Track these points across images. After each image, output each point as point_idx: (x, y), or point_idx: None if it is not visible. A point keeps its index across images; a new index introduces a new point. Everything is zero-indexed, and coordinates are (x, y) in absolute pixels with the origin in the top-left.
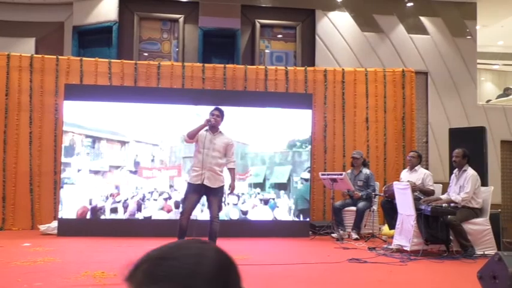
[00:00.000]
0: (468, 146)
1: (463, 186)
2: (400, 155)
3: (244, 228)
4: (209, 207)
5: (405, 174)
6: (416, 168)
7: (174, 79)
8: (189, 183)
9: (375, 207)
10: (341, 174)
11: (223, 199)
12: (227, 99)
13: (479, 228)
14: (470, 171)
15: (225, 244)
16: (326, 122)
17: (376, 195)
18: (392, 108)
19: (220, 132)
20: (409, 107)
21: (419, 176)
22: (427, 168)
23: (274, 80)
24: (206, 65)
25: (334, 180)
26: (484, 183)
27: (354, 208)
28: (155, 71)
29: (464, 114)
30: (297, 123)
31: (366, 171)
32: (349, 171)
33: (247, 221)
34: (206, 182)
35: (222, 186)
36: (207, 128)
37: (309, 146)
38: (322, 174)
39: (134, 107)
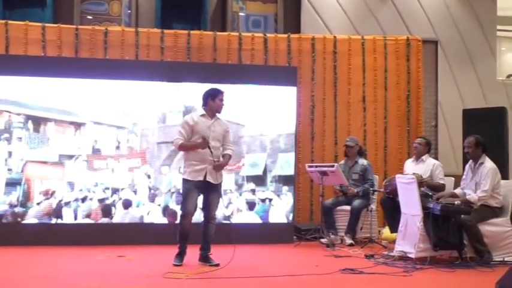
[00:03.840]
0: (485, 130)
1: (480, 183)
2: (403, 142)
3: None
4: (207, 205)
5: (410, 166)
6: (423, 158)
7: (126, 48)
8: (187, 181)
9: (373, 206)
10: (332, 166)
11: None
12: (191, 73)
13: (498, 230)
14: (488, 164)
15: (188, 253)
16: (314, 102)
17: (374, 191)
18: (394, 85)
19: (217, 117)
20: (415, 84)
21: (427, 168)
22: (436, 158)
23: (251, 50)
24: (166, 31)
25: (323, 173)
26: (504, 176)
27: (347, 207)
28: (101, 38)
29: (481, 92)
30: (278, 103)
31: (362, 162)
32: (342, 162)
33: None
34: (209, 178)
35: (221, 182)
36: (203, 112)
37: (293, 132)
38: (310, 166)
39: (85, 82)
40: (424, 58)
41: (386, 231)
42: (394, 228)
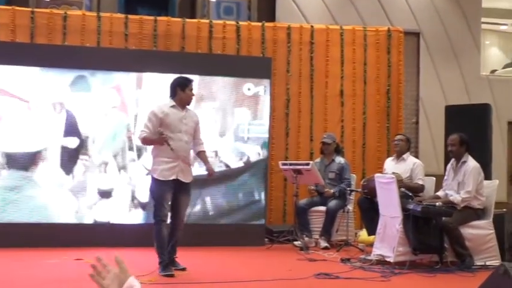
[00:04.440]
0: (468, 128)
1: (462, 183)
2: (383, 139)
3: None
4: (177, 207)
5: (390, 164)
6: (404, 156)
7: (87, 34)
8: (159, 181)
9: (350, 207)
10: (307, 164)
11: None
12: (158, 62)
13: (480, 232)
14: (471, 163)
15: (149, 256)
16: (289, 96)
17: (351, 191)
18: (374, 79)
19: (187, 108)
20: (395, 78)
21: (407, 167)
22: (416, 157)
23: (222, 38)
24: (130, 16)
25: (298, 171)
26: (488, 175)
27: (323, 208)
28: (60, 23)
29: (465, 88)
30: (250, 96)
31: (339, 160)
32: (317, 160)
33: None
34: (181, 177)
35: (191, 181)
36: (173, 103)
37: (266, 127)
38: (283, 164)
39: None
40: (405, 51)
41: (363, 234)
42: (371, 231)
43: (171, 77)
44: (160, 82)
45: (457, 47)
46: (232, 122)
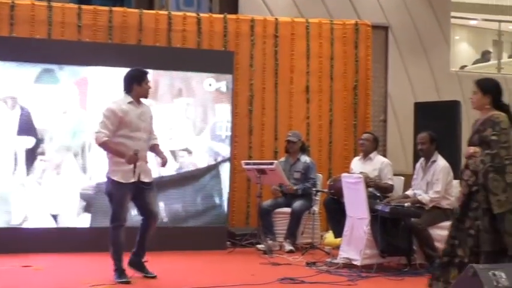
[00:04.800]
0: (437, 126)
1: (432, 183)
2: (350, 137)
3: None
4: (147, 204)
5: (357, 164)
6: (371, 155)
7: (37, 26)
8: (119, 183)
9: (315, 208)
10: (272, 164)
11: None
12: (113, 56)
13: None
14: (440, 163)
15: (101, 261)
16: (252, 92)
17: (317, 191)
18: (341, 75)
19: (142, 102)
20: (363, 73)
21: (375, 166)
22: (384, 156)
23: (181, 31)
24: (83, 7)
25: (262, 171)
26: (457, 175)
27: (288, 209)
28: (7, 12)
29: (434, 84)
30: (211, 92)
31: (305, 159)
32: (282, 159)
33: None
34: (143, 177)
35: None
36: (130, 99)
37: (229, 125)
38: (247, 164)
39: None
40: (373, 45)
41: (329, 236)
42: (338, 233)
43: (123, 71)
44: (112, 76)
45: (426, 41)
46: (192, 120)
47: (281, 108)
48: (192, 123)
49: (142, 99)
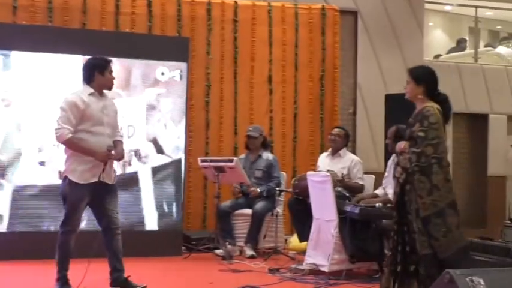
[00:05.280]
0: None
1: None
2: (316, 131)
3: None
4: (107, 210)
5: (325, 161)
6: (340, 152)
7: None
8: (77, 184)
9: (279, 210)
10: (231, 161)
11: None
12: (54, 41)
13: None
14: None
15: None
16: (210, 82)
17: (281, 191)
18: (306, 64)
19: (105, 94)
20: (330, 62)
21: (345, 164)
22: (353, 152)
23: (131, 14)
24: None
25: (220, 169)
26: None
27: (248, 211)
28: None
29: (406, 75)
30: (164, 82)
31: (267, 156)
32: (242, 156)
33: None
34: (105, 178)
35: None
36: (91, 90)
37: (183, 119)
38: (203, 161)
39: None
40: (341, 32)
41: (294, 240)
42: (304, 237)
43: (69, 58)
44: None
45: (398, 28)
46: (143, 112)
47: (241, 100)
48: (141, 116)
49: (106, 92)
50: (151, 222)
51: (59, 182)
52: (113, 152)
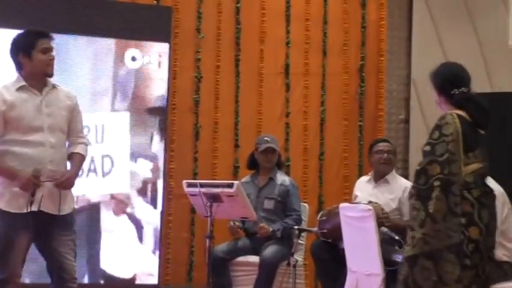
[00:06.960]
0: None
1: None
2: (353, 146)
3: None
4: (54, 257)
5: (365, 189)
6: (388, 177)
7: None
8: (7, 214)
9: (298, 258)
10: (230, 186)
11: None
12: (8, 15)
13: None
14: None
15: None
16: (200, 71)
17: (302, 231)
18: (339, 48)
19: (52, 85)
20: (374, 47)
21: (394, 194)
22: (406, 176)
23: None
24: None
25: (214, 197)
26: None
27: (255, 258)
28: None
29: (483, 64)
30: (134, 70)
31: (282, 179)
32: (246, 179)
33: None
34: (46, 207)
35: (74, 210)
36: (22, 83)
37: (160, 123)
38: (190, 185)
39: None
40: (389, 4)
41: None
42: None
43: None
44: None
45: (472, 1)
46: (104, 116)
47: (244, 99)
48: (103, 120)
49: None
50: (117, 273)
51: None
52: (42, 177)
